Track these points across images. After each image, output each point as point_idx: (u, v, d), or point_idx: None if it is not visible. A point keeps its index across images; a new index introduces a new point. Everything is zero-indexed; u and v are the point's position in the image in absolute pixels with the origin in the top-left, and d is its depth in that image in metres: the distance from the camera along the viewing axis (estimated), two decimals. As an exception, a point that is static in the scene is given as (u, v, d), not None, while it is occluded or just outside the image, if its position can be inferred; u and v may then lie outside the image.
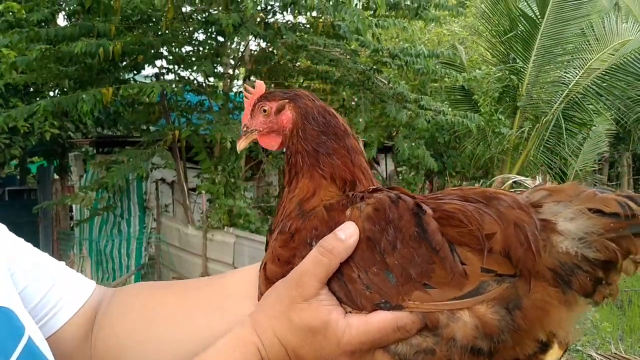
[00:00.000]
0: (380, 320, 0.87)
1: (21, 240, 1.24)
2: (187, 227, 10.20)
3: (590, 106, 13.22)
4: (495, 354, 0.82)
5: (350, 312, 0.90)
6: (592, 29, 13.02)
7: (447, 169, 15.27)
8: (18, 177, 21.24)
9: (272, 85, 12.13)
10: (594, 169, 17.67)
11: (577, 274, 0.81)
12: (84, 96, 8.34)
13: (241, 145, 1.06)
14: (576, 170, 14.63)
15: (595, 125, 14.16)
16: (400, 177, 15.08)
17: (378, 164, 16.09)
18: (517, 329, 0.82)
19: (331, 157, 0.97)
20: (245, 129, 1.05)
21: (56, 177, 16.96)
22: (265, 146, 1.04)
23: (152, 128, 11.69)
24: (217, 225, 9.35)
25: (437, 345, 0.83)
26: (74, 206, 12.82)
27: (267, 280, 0.97)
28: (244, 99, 1.06)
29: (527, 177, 10.20)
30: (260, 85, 1.05)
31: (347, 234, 0.90)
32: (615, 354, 4.11)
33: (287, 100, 1.01)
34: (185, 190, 10.56)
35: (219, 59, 10.26)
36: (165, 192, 12.22)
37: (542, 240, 0.82)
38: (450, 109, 11.03)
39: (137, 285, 1.36)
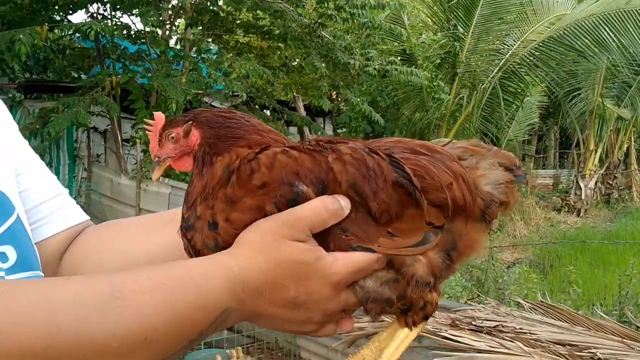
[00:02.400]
0: (364, 254, 0.94)
1: (31, 150, 1.31)
2: (120, 177, 9.91)
3: (526, 77, 13.56)
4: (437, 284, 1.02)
5: None
6: (531, 2, 13.30)
7: (386, 133, 15.42)
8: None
9: (212, 37, 11.84)
10: (524, 139, 18.21)
11: (490, 208, 1.04)
12: (21, 36, 7.89)
13: (156, 175, 1.10)
14: (508, 139, 15.05)
15: (529, 96, 14.55)
16: (338, 140, 15.12)
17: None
18: (452, 265, 1.03)
19: (236, 134, 1.04)
20: (157, 159, 1.09)
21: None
22: (180, 169, 1.09)
23: (83, 77, 11.23)
24: (151, 175, 9.13)
25: (399, 278, 0.99)
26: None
27: (236, 230, 0.98)
28: (147, 132, 1.09)
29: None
30: (160, 116, 1.09)
31: (345, 205, 0.93)
32: (542, 301, 4.27)
33: (190, 122, 1.05)
34: (120, 139, 10.24)
35: (160, 5, 9.90)
36: (97, 141, 11.81)
37: (476, 189, 1.02)
38: (397, 66, 11.09)
39: (123, 219, 1.42)
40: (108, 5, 10.38)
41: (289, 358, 6.58)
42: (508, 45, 13.47)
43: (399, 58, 12.09)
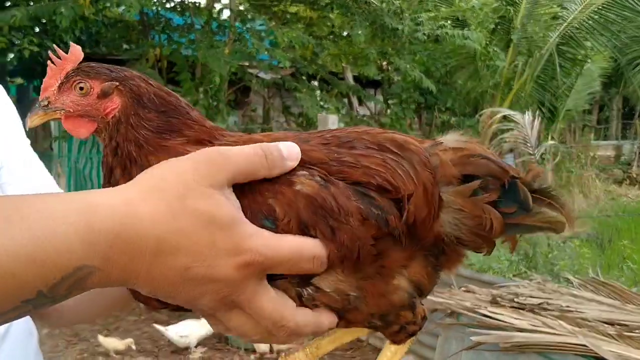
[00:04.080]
0: (299, 241, 0.72)
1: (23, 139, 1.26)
2: (167, 149, 9.97)
3: (587, 43, 12.91)
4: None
5: None
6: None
7: (439, 104, 15.02)
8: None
9: (259, 8, 11.69)
10: (584, 109, 17.47)
11: (460, 245, 0.84)
12: (62, 10, 7.94)
13: (34, 121, 0.84)
14: (566, 109, 14.44)
15: (588, 62, 13.88)
16: (389, 112, 14.81)
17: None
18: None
19: (173, 126, 0.82)
20: (46, 103, 0.84)
21: (35, 97, 16.50)
22: (71, 131, 0.85)
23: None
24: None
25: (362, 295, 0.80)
26: (52, 125, 12.53)
27: None
28: (49, 64, 0.84)
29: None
30: (76, 52, 0.84)
31: (291, 153, 0.75)
32: (593, 278, 4.01)
33: (117, 83, 0.82)
34: (166, 111, 10.27)
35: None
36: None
37: (438, 209, 0.81)
38: (449, 25, 10.69)
39: None
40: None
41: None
42: (568, 10, 12.80)
43: (449, 22, 11.65)
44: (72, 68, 0.83)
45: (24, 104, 17.76)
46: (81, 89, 0.83)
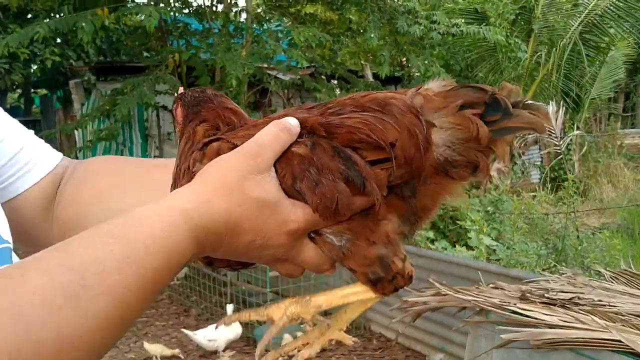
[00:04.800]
0: None
1: None
2: (189, 154, 9.98)
3: (610, 29, 12.65)
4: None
5: None
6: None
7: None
8: (22, 107, 21.02)
9: (277, 9, 11.66)
10: (609, 97, 17.15)
11: (453, 167, 0.95)
12: (83, 24, 8.00)
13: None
14: (591, 98, 14.19)
15: (612, 49, 13.63)
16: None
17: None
18: (416, 212, 0.98)
19: (195, 111, 1.08)
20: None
21: (59, 107, 16.70)
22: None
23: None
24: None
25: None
26: (76, 135, 12.68)
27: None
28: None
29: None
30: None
31: (296, 121, 0.94)
32: (625, 269, 3.91)
33: (179, 99, 1.13)
34: (188, 116, 10.30)
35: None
36: (167, 120, 11.95)
37: (428, 142, 0.94)
38: (464, 22, 10.52)
39: (103, 157, 1.45)
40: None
41: (359, 330, 6.47)
42: (588, -2, 12.56)
43: (462, 20, 11.48)
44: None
45: (48, 114, 18.01)
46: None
